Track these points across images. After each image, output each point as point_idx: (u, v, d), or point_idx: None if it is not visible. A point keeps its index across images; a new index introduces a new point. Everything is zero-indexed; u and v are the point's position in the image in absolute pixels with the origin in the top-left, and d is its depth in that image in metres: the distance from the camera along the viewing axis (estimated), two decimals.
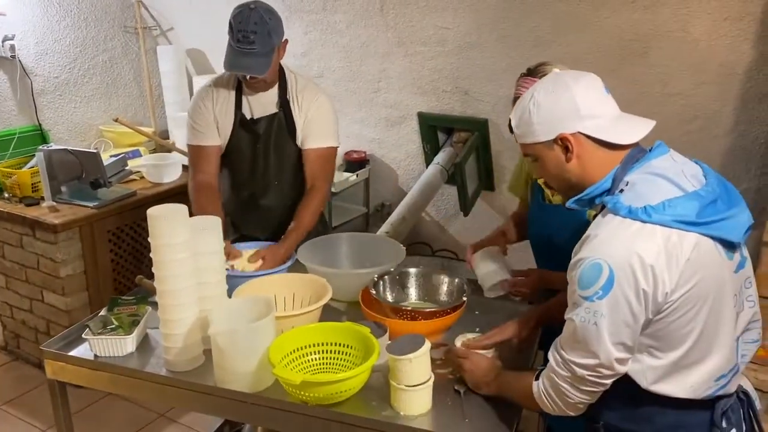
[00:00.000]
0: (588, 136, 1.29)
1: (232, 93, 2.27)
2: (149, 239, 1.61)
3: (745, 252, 1.35)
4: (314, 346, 1.65)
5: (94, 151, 3.15)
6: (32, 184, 3.16)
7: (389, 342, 1.56)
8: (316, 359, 1.64)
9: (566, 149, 1.31)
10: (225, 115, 2.28)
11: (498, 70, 3.11)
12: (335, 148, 2.34)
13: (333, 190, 3.45)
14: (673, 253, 1.19)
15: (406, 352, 1.47)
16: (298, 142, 2.31)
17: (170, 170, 3.49)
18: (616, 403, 1.34)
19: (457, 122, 3.43)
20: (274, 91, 2.28)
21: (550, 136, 1.31)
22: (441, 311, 1.83)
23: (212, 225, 1.74)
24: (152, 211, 1.59)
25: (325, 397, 1.49)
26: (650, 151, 1.33)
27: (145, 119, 4.09)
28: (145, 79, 4.02)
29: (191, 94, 4.03)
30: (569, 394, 1.30)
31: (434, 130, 3.55)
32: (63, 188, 3.15)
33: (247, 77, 2.16)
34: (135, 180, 3.46)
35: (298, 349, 1.63)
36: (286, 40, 2.20)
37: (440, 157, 3.48)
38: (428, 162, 3.59)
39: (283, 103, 2.27)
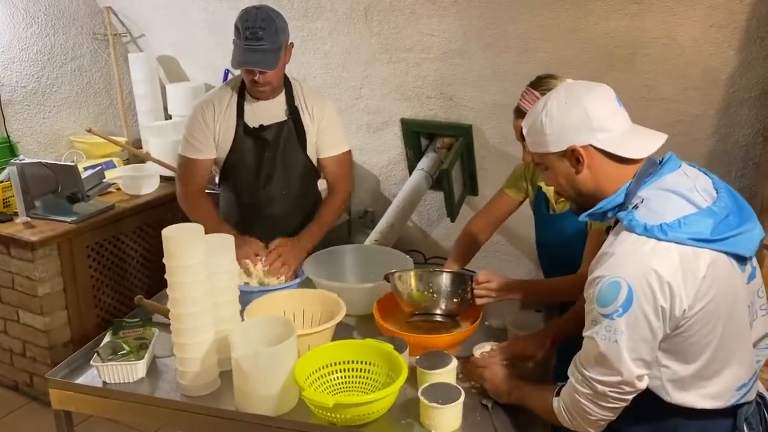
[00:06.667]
0: (599, 149, 1.29)
1: (234, 102, 2.23)
2: (164, 260, 1.55)
3: (755, 263, 1.36)
4: (336, 364, 1.61)
5: (72, 164, 3.03)
6: (3, 199, 3.03)
7: (417, 359, 1.54)
8: (338, 378, 1.61)
9: (577, 161, 1.30)
10: (227, 127, 2.23)
11: (484, 77, 3.10)
12: (350, 151, 2.40)
13: None
14: (690, 270, 1.20)
15: (436, 368, 1.45)
16: (308, 151, 2.30)
17: (148, 182, 3.39)
18: (640, 415, 1.34)
19: (442, 128, 3.42)
20: (281, 99, 2.25)
21: (561, 148, 1.31)
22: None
23: (225, 243, 1.69)
24: (168, 232, 1.53)
25: (354, 417, 1.46)
26: (662, 165, 1.33)
27: (117, 129, 3.95)
28: (116, 87, 3.89)
29: (164, 102, 3.92)
30: (591, 412, 1.30)
31: (417, 136, 3.53)
32: (37, 203, 3.03)
33: (257, 76, 2.10)
34: (112, 192, 3.34)
35: (320, 369, 1.59)
36: (292, 44, 2.18)
37: (424, 163, 3.46)
38: (411, 168, 3.57)
39: (292, 110, 2.26)
